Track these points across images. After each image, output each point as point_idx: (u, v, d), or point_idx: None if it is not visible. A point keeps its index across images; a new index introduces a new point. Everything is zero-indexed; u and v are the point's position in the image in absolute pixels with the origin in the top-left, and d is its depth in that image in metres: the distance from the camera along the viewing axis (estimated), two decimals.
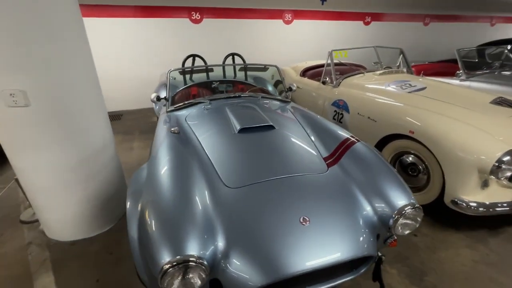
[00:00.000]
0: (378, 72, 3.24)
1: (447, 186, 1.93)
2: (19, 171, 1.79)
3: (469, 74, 3.64)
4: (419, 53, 6.89)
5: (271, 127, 1.91)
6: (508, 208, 1.85)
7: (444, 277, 1.69)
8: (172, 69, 2.59)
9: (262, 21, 5.64)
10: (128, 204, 1.30)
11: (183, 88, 2.98)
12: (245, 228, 1.19)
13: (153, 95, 2.37)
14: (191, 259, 1.02)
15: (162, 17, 4.85)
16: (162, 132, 1.94)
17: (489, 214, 1.85)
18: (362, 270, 1.30)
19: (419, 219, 1.33)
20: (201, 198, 1.29)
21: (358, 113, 2.75)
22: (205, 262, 1.04)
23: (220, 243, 1.14)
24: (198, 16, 5.09)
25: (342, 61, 3.61)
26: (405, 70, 3.41)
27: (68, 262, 1.81)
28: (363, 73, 3.30)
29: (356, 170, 1.52)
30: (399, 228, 1.31)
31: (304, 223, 1.21)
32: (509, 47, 4.38)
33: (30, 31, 1.42)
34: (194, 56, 3.36)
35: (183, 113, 2.33)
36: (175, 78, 3.58)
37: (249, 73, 3.39)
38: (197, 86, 3.13)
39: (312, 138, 1.87)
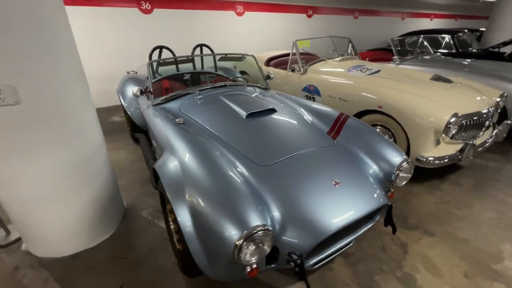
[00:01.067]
0: (337, 59, 3.66)
1: (412, 147, 2.39)
2: (2, 185, 1.51)
3: (401, 59, 4.39)
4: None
5: (272, 111, 2.05)
6: (449, 160, 2.41)
7: (421, 218, 2.14)
8: (152, 61, 2.45)
9: (214, 12, 5.59)
10: (171, 198, 1.28)
11: (157, 81, 2.84)
12: (291, 197, 1.32)
13: (136, 89, 2.23)
14: (258, 229, 1.10)
15: (107, 6, 4.38)
16: (164, 125, 1.89)
17: (440, 165, 2.38)
18: (377, 218, 1.58)
19: (412, 171, 1.67)
20: (242, 177, 1.36)
21: (330, 96, 3.09)
22: (271, 228, 1.14)
23: (275, 213, 1.25)
24: (148, 6, 4.74)
25: (299, 51, 3.92)
26: (356, 57, 3.92)
27: (77, 276, 1.64)
28: (324, 60, 3.67)
29: (355, 140, 1.79)
30: (398, 181, 1.62)
31: (336, 185, 1.41)
32: (421, 36, 5.37)
33: (15, 16, 1.22)
34: (161, 47, 3.19)
35: (173, 105, 2.27)
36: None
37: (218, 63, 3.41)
38: (174, 78, 3.02)
39: (309, 117, 2.08)
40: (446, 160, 2.35)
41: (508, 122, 2.90)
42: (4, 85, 1.25)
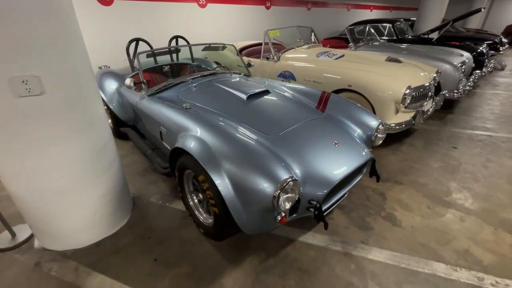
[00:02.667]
0: (305, 47, 4.03)
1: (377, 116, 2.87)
2: (14, 182, 1.49)
3: (356, 45, 4.97)
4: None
5: (267, 92, 2.30)
6: (406, 125, 2.96)
7: (390, 173, 2.63)
8: (140, 52, 2.48)
9: (177, 4, 5.52)
10: (206, 167, 1.45)
11: (150, 72, 2.87)
12: (305, 157, 1.61)
13: (129, 81, 2.27)
14: (288, 180, 1.37)
15: None
16: (171, 111, 2.01)
17: (400, 130, 2.91)
18: (364, 170, 1.97)
19: (386, 132, 2.10)
20: (261, 145, 1.59)
21: (304, 79, 3.45)
22: (297, 179, 1.41)
23: (296, 170, 1.52)
24: None
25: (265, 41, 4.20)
26: (320, 44, 4.35)
27: (108, 260, 1.71)
28: (294, 48, 4.02)
29: (340, 111, 2.14)
30: (377, 140, 2.03)
31: (335, 145, 1.74)
32: (368, 25, 6.09)
33: (39, 8, 1.24)
34: (137, 40, 3.16)
35: (169, 93, 2.36)
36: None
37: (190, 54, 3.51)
38: (155, 70, 3.05)
39: (298, 95, 2.39)
40: (403, 126, 2.89)
41: (443, 92, 3.61)
42: (30, 75, 1.27)
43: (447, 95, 3.82)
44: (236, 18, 6.86)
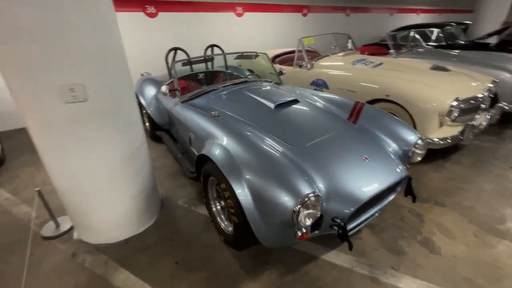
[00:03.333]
0: (340, 54, 3.90)
1: (418, 131, 2.63)
2: (60, 177, 1.67)
3: (397, 52, 4.67)
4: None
5: (295, 101, 2.25)
6: (452, 140, 2.67)
7: (430, 192, 2.38)
8: (176, 61, 2.62)
9: (215, 14, 5.76)
10: (228, 176, 1.46)
11: (185, 80, 3.03)
12: (330, 171, 1.53)
13: (165, 88, 2.40)
14: (310, 195, 1.30)
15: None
16: (201, 118, 2.07)
17: (444, 146, 2.63)
18: (399, 189, 1.81)
19: (426, 148, 1.91)
20: (284, 156, 1.55)
21: (338, 88, 3.32)
22: (320, 195, 1.35)
23: (319, 185, 1.45)
24: (153, 10, 4.88)
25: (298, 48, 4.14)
26: (357, 51, 4.17)
27: (134, 257, 1.80)
28: (328, 55, 3.91)
29: (374, 123, 2.01)
30: (414, 157, 1.85)
31: (366, 160, 1.63)
32: (413, 31, 5.68)
33: (79, 21, 1.38)
34: (176, 49, 3.36)
35: (200, 101, 2.45)
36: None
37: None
38: (191, 78, 3.20)
39: (328, 105, 2.30)
40: (448, 141, 2.61)
41: (500, 105, 3.19)
42: (77, 83, 1.41)
43: (505, 107, 3.37)
44: (272, 26, 6.93)
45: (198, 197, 2.41)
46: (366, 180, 1.55)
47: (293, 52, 4.45)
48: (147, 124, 3.59)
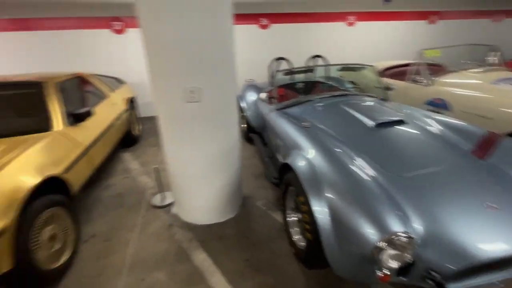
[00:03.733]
0: (475, 70, 3.14)
1: None
2: (172, 160, 2.04)
3: None
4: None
5: (401, 122, 1.97)
6: None
7: None
8: (278, 70, 2.77)
9: (326, 24, 5.73)
10: (308, 191, 1.42)
11: (284, 88, 3.16)
12: (434, 212, 1.26)
13: (264, 95, 2.55)
14: (402, 235, 1.11)
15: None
16: (291, 127, 2.10)
17: None
18: None
19: None
20: (375, 181, 1.38)
21: (463, 111, 2.69)
22: (414, 236, 1.12)
23: (416, 225, 1.21)
24: (266, 22, 5.32)
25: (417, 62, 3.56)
26: (504, 67, 3.26)
27: (213, 242, 2.01)
28: (457, 71, 3.22)
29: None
30: None
31: (491, 209, 1.25)
32: None
33: (205, 35, 1.65)
34: (280, 59, 3.54)
35: (295, 110, 2.48)
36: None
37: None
38: (290, 86, 3.29)
39: (447, 132, 1.89)
40: None
41: None
42: (196, 87, 1.70)
43: None
44: (388, 36, 6.30)
45: (276, 203, 2.46)
46: (489, 235, 1.19)
47: (408, 65, 3.91)
48: (244, 125, 3.94)
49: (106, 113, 3.02)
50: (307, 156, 1.65)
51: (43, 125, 2.08)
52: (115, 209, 2.45)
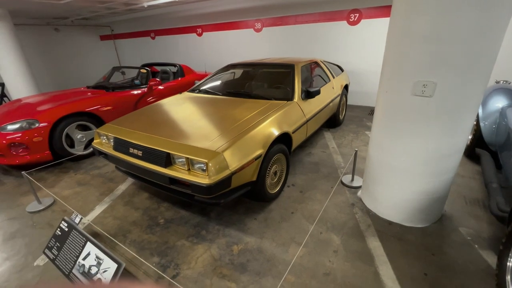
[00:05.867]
0: None
1: None
2: (377, 148, 2.12)
3: None
4: None
5: None
6: None
7: None
8: None
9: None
10: None
11: None
12: None
13: None
14: None
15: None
16: None
17: None
18: None
19: None
20: None
21: None
22: None
23: None
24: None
25: None
26: None
27: (390, 238, 1.99)
28: None
29: None
30: None
31: None
32: None
33: (464, 31, 1.47)
34: None
35: None
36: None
37: None
38: None
39: None
40: None
41: None
42: (431, 81, 1.63)
43: None
44: None
45: (490, 240, 1.92)
46: None
47: None
48: (470, 136, 3.16)
49: (326, 95, 3.57)
50: None
51: (288, 96, 2.87)
52: (312, 173, 3.00)
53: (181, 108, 2.79)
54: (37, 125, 3.17)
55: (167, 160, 1.94)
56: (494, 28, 1.48)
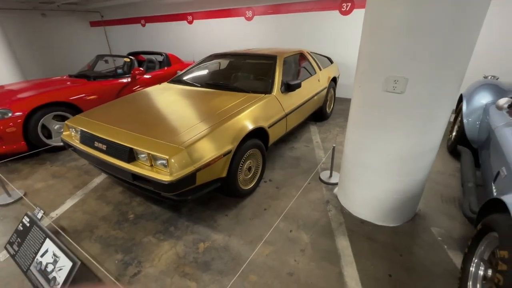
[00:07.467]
0: None
1: None
2: (351, 145, 2.05)
3: None
4: None
5: None
6: None
7: None
8: None
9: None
10: None
11: None
12: None
13: (504, 101, 1.82)
14: None
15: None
16: None
17: None
18: None
19: None
20: None
21: None
22: None
23: None
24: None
25: None
26: None
27: (360, 238, 1.95)
28: None
29: None
30: None
31: None
32: None
33: (425, 23, 1.37)
34: None
35: None
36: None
37: None
38: None
39: None
40: None
41: None
42: (402, 77, 1.55)
43: None
44: None
45: (460, 241, 1.88)
46: None
47: None
48: (453, 133, 3.10)
49: (310, 88, 3.47)
50: None
51: (267, 89, 2.77)
52: (292, 168, 2.94)
53: (156, 100, 2.69)
54: (10, 115, 3.07)
55: (130, 155, 1.87)
56: (470, 20, 1.39)
